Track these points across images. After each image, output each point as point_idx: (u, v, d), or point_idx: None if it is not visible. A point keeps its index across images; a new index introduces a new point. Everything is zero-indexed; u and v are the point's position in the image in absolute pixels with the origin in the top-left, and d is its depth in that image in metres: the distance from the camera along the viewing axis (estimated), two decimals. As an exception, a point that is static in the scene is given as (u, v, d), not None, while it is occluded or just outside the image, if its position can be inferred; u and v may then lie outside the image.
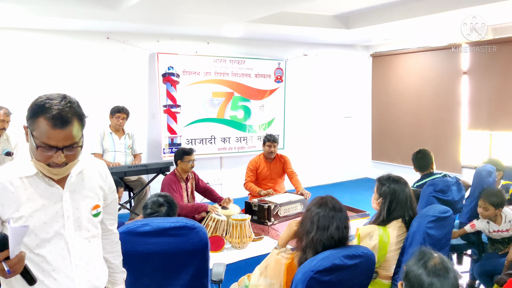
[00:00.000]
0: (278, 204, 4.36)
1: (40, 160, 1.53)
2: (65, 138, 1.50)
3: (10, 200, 1.53)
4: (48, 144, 1.49)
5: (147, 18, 5.28)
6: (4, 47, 5.56)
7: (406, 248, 2.48)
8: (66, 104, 1.52)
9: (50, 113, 1.47)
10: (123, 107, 5.39)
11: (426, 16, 5.23)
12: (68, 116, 1.50)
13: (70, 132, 1.51)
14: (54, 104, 1.50)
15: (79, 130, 1.55)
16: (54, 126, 1.47)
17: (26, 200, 1.55)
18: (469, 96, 6.97)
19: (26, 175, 1.56)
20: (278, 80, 7.50)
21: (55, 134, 1.48)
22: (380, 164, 8.62)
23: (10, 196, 1.53)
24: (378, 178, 2.74)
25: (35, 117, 1.49)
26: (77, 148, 1.57)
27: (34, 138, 1.50)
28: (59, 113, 1.48)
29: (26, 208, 1.55)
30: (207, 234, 3.77)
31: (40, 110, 1.49)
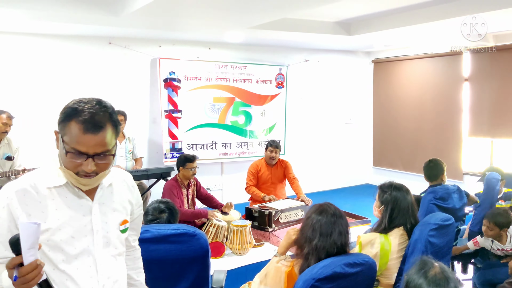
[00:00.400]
0: (279, 210, 4.35)
1: (69, 168, 1.42)
2: (97, 144, 1.40)
3: (37, 210, 1.41)
4: (78, 150, 1.38)
5: (149, 24, 5.29)
6: (7, 52, 5.58)
7: (408, 256, 2.47)
8: (100, 108, 1.43)
9: (82, 116, 1.39)
10: (118, 110, 5.38)
11: (428, 23, 5.23)
12: (102, 120, 1.41)
13: (102, 138, 1.40)
14: (87, 107, 1.41)
15: (112, 138, 1.44)
16: (86, 131, 1.38)
17: (53, 210, 1.43)
18: (470, 103, 6.97)
19: (54, 185, 1.45)
20: (279, 86, 7.50)
21: (86, 139, 1.38)
22: (381, 170, 8.60)
23: (37, 206, 1.41)
24: (380, 185, 2.73)
25: (66, 121, 1.40)
26: (109, 157, 1.45)
27: (65, 143, 1.40)
28: (92, 117, 1.39)
29: (53, 220, 1.43)
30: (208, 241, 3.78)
31: (73, 113, 1.40)
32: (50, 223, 1.42)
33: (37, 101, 5.76)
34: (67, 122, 1.40)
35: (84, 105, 1.41)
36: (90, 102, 1.44)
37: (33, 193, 1.42)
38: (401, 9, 5.38)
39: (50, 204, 1.43)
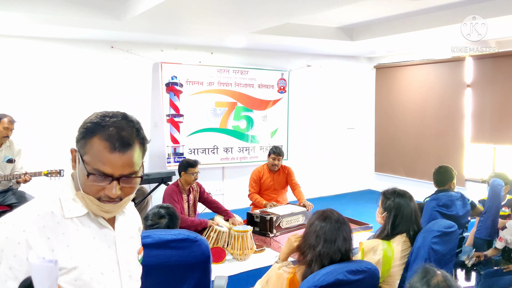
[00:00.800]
0: (280, 215, 4.33)
1: (89, 193, 1.23)
2: (124, 164, 1.21)
3: (62, 244, 1.21)
4: (102, 171, 1.19)
5: (151, 28, 5.30)
6: (9, 55, 5.58)
7: (411, 263, 2.45)
8: (127, 123, 1.25)
9: (107, 132, 1.20)
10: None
11: (430, 29, 5.23)
12: (130, 137, 1.22)
13: (130, 158, 1.22)
14: (112, 121, 1.23)
15: (140, 157, 1.26)
16: (113, 149, 1.19)
17: (79, 243, 1.24)
18: (472, 109, 6.95)
19: (76, 215, 1.25)
20: (281, 91, 7.50)
21: (112, 158, 1.19)
22: (383, 176, 8.58)
23: (61, 239, 1.20)
24: (383, 191, 2.72)
25: (88, 137, 1.21)
26: (136, 180, 1.27)
27: (85, 164, 1.20)
28: (118, 133, 1.21)
29: (80, 255, 1.23)
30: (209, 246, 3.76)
31: (96, 129, 1.21)
32: (78, 260, 1.22)
33: (38, 104, 5.77)
34: (89, 139, 1.21)
35: (109, 120, 1.23)
36: (115, 116, 1.26)
37: (54, 223, 1.21)
38: (404, 15, 5.39)
39: (74, 236, 1.23)
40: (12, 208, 4.66)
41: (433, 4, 4.78)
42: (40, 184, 5.08)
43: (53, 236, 1.20)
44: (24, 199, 4.67)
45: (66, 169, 4.81)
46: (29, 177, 4.51)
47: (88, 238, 1.26)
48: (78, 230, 1.25)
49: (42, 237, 1.18)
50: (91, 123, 1.24)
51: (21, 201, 4.65)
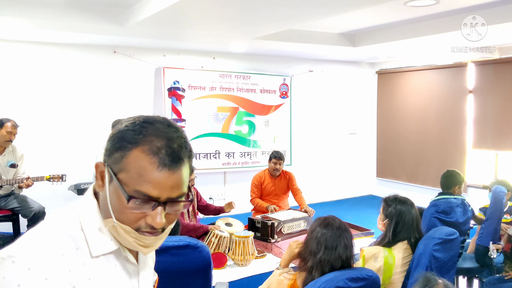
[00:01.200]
0: (282, 221, 4.33)
1: (124, 221, 0.96)
2: (174, 185, 0.96)
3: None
4: (146, 193, 0.93)
5: (154, 34, 5.32)
6: (12, 60, 5.61)
7: (412, 270, 2.44)
8: (176, 132, 0.98)
9: (155, 144, 0.94)
10: (121, 119, 5.38)
11: (432, 36, 5.24)
12: (180, 151, 0.97)
13: (180, 177, 0.97)
14: (158, 130, 0.96)
15: (188, 175, 1.01)
16: (162, 166, 0.93)
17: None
18: (474, 115, 6.95)
19: (104, 252, 1.00)
20: (283, 96, 7.51)
21: (160, 178, 0.93)
22: (385, 181, 8.57)
23: (86, 285, 0.96)
24: (384, 198, 2.72)
25: (126, 150, 0.94)
26: (181, 205, 1.01)
27: (123, 184, 0.94)
28: (168, 145, 0.95)
29: None
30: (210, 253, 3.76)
31: (137, 139, 0.95)
32: None
33: (41, 109, 5.79)
34: (128, 151, 0.94)
35: (153, 127, 0.97)
36: (159, 122, 0.99)
37: (79, 265, 0.95)
38: (406, 21, 5.40)
39: (100, 280, 0.98)
40: (14, 213, 4.68)
41: (435, 11, 4.79)
42: (42, 189, 5.10)
43: (79, 284, 0.94)
44: (26, 203, 4.68)
45: (68, 174, 4.82)
46: (31, 182, 4.52)
47: (115, 280, 1.01)
48: (105, 272, 0.99)
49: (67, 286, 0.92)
50: (128, 131, 0.96)
51: (23, 206, 4.67)
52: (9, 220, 4.75)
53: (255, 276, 3.59)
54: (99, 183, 1.00)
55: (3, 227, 4.86)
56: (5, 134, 4.56)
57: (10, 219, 4.75)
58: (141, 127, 0.96)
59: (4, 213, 4.67)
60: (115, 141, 0.97)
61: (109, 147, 0.98)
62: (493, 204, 3.69)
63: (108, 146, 0.99)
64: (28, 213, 4.65)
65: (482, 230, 3.69)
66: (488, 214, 3.69)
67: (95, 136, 5.91)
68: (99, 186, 1.01)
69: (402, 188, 7.98)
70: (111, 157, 0.97)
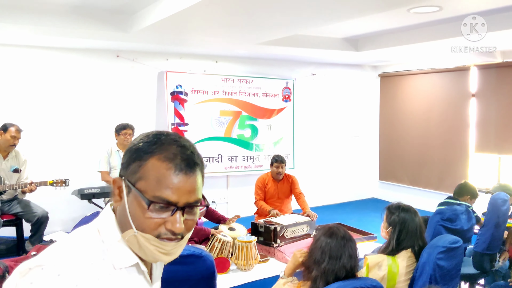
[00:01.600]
0: (285, 225, 4.33)
1: (145, 230, 0.98)
2: (191, 189, 1.00)
3: None
4: (165, 198, 0.97)
5: (158, 40, 5.34)
6: (16, 65, 5.62)
7: (416, 279, 2.44)
8: (187, 142, 1.05)
9: (170, 151, 1.00)
10: (127, 123, 5.41)
11: (435, 41, 5.24)
12: (194, 157, 1.02)
13: (195, 181, 1.01)
14: (172, 139, 1.03)
15: (202, 183, 1.05)
16: (179, 170, 0.98)
17: None
18: (477, 119, 6.94)
19: (126, 265, 1.01)
20: (286, 99, 7.51)
21: (177, 182, 0.98)
22: (387, 184, 8.56)
23: None
24: (387, 206, 2.72)
25: (143, 159, 0.99)
26: (198, 211, 1.06)
27: (142, 191, 0.97)
28: (182, 151, 1.01)
29: None
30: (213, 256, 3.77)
31: (153, 148, 1.00)
32: None
33: (45, 113, 5.80)
34: (144, 161, 0.99)
35: (166, 138, 1.03)
36: (171, 134, 1.05)
37: (106, 275, 0.97)
38: (409, 27, 5.40)
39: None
40: (18, 217, 4.69)
41: (438, 17, 4.79)
42: (46, 193, 5.12)
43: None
44: (29, 208, 4.70)
45: (71, 179, 4.84)
46: (34, 187, 4.54)
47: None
48: (126, 284, 1.00)
49: None
50: (144, 143, 1.01)
51: (26, 210, 4.68)
52: (12, 225, 4.76)
53: (259, 281, 3.60)
54: (116, 198, 1.04)
55: (7, 231, 4.87)
56: (9, 138, 4.58)
57: (13, 224, 4.76)
58: (155, 138, 1.02)
59: (7, 218, 4.68)
60: (132, 153, 1.01)
61: (125, 160, 1.03)
62: (489, 210, 3.68)
63: (124, 160, 1.03)
64: (32, 217, 4.67)
65: (479, 237, 3.68)
66: (484, 220, 3.69)
67: (98, 141, 5.92)
68: (117, 200, 1.04)
69: (404, 191, 7.97)
70: (128, 168, 1.01)
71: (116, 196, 1.04)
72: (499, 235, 3.68)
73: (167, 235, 0.99)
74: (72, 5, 4.45)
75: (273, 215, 4.80)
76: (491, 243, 3.61)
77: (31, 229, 4.74)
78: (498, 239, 3.66)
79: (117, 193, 1.04)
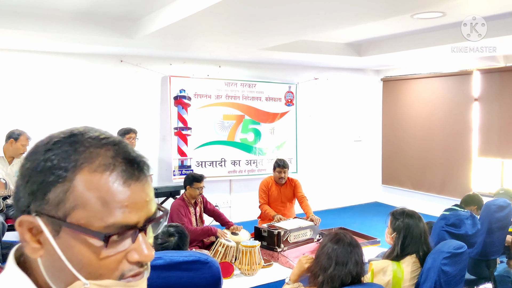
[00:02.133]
0: (288, 230, 4.34)
1: (103, 275, 0.69)
2: (149, 198, 0.74)
3: None
4: (123, 223, 0.69)
5: (161, 45, 5.37)
6: (17, 69, 5.65)
7: (421, 284, 2.44)
8: (117, 138, 0.75)
9: (105, 155, 0.70)
10: (130, 127, 5.42)
11: (438, 47, 5.25)
12: (135, 154, 0.74)
13: (149, 185, 0.75)
14: (99, 139, 0.72)
15: None
16: (128, 177, 0.70)
17: None
18: (480, 123, 6.94)
19: None
20: (289, 104, 7.52)
21: (132, 193, 0.70)
22: (390, 188, 8.56)
23: None
24: (392, 212, 2.72)
25: (65, 179, 0.67)
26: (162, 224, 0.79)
27: (87, 226, 0.67)
28: (121, 150, 0.72)
29: None
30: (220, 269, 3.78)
31: (76, 158, 0.68)
32: None
33: (49, 118, 5.82)
34: (69, 180, 0.68)
35: (88, 138, 0.71)
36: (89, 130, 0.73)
37: None
38: (412, 32, 5.41)
39: None
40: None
41: (441, 22, 4.80)
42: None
43: None
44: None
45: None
46: (39, 191, 4.55)
47: None
48: None
49: None
50: (56, 156, 0.69)
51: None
52: (17, 229, 4.77)
53: (262, 285, 3.61)
54: (33, 247, 0.69)
55: (12, 236, 4.88)
56: (20, 147, 4.62)
57: (18, 228, 4.77)
58: (70, 144, 0.70)
59: (12, 223, 4.70)
60: (41, 176, 0.68)
61: (31, 189, 0.68)
62: (482, 217, 3.68)
63: (28, 189, 0.69)
64: (36, 222, 4.67)
65: None
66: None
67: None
68: (34, 250, 0.69)
69: (407, 195, 7.97)
70: (44, 200, 0.67)
71: (30, 244, 0.69)
72: (493, 241, 3.66)
73: (132, 271, 0.71)
74: (78, 12, 4.48)
75: (277, 220, 4.80)
76: (484, 249, 3.61)
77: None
78: (493, 245, 3.65)
79: (31, 239, 0.69)
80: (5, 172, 4.62)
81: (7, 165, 4.65)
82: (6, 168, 4.64)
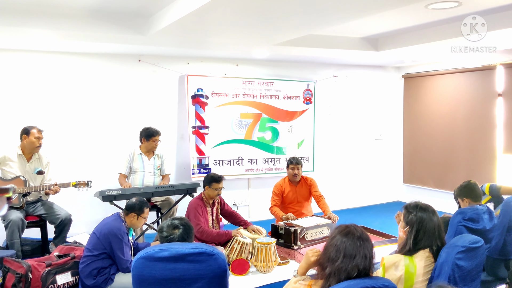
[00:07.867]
0: (305, 227, 4.31)
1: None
2: None
3: None
4: None
5: (176, 42, 5.39)
6: (39, 70, 5.76)
7: (434, 279, 2.36)
8: None
9: None
10: (155, 129, 5.46)
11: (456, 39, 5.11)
12: None
13: None
14: None
15: None
16: None
17: None
18: (504, 119, 6.76)
19: None
20: (307, 102, 7.47)
21: None
22: (412, 187, 8.41)
23: None
24: (405, 205, 2.66)
25: None
26: None
27: None
28: None
29: None
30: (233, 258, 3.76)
31: None
32: None
33: (68, 117, 5.93)
34: None
35: None
36: None
37: None
38: (428, 24, 5.29)
39: None
40: (41, 219, 4.82)
41: (457, 13, 4.67)
42: (68, 195, 5.22)
43: None
44: (52, 210, 4.78)
45: (94, 181, 4.91)
46: (58, 188, 4.64)
47: None
48: None
49: None
50: None
51: (49, 212, 4.77)
52: (37, 226, 4.87)
53: (278, 282, 3.58)
54: None
55: (32, 233, 4.98)
56: (34, 140, 4.71)
57: (38, 225, 4.86)
58: None
59: (32, 219, 4.79)
60: None
61: None
62: (502, 214, 3.52)
63: None
64: (55, 220, 4.76)
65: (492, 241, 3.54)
66: (496, 224, 3.54)
67: (120, 144, 6.02)
68: None
69: (429, 194, 7.81)
70: None
71: None
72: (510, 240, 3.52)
73: None
74: (89, 9, 4.52)
75: (288, 218, 4.77)
76: (504, 248, 3.47)
77: (55, 231, 4.84)
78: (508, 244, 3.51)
79: None
80: (24, 169, 4.71)
81: (26, 162, 4.74)
82: (25, 165, 4.74)
